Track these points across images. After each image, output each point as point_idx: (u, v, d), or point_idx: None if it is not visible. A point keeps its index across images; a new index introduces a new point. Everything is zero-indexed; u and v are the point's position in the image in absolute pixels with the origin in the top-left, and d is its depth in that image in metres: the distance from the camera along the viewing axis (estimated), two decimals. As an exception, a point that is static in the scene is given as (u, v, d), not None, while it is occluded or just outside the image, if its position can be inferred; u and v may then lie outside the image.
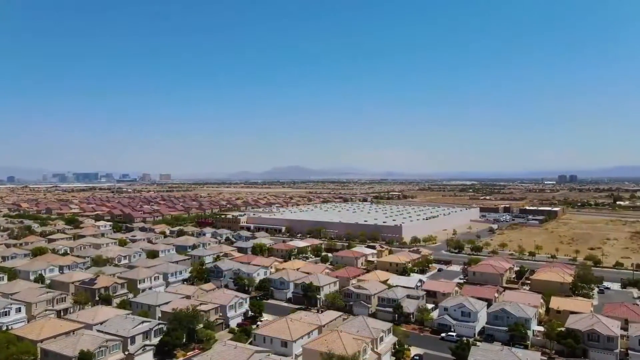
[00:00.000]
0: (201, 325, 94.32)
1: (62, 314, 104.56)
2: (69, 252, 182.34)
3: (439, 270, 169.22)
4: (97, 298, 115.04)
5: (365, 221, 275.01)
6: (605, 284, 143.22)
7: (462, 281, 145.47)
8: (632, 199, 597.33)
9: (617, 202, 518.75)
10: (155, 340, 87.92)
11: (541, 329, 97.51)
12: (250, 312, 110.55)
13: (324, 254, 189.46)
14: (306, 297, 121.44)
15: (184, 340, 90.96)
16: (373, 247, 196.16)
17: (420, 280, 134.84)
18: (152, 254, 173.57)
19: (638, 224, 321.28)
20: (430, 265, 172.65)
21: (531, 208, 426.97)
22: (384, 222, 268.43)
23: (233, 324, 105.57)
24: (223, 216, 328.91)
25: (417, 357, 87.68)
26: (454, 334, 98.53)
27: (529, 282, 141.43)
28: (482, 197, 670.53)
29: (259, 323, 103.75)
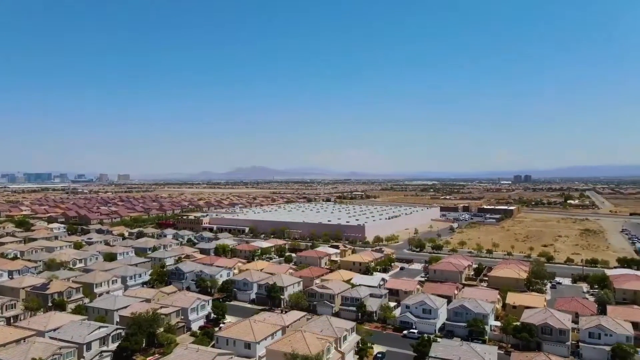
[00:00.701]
0: (162, 329, 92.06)
1: (11, 321, 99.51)
2: (19, 256, 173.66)
3: (401, 268, 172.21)
4: (50, 304, 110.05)
5: (328, 221, 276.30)
6: (557, 279, 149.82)
7: (423, 279, 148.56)
8: (581, 198, 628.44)
9: (568, 201, 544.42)
10: (113, 346, 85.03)
11: (498, 323, 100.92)
12: (212, 315, 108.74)
13: (287, 254, 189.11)
14: (270, 297, 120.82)
15: (144, 345, 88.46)
16: (336, 247, 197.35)
17: (383, 279, 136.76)
18: (110, 257, 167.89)
19: (587, 221, 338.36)
20: (392, 264, 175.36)
21: (489, 207, 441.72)
22: (347, 222, 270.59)
23: (195, 326, 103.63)
24: (185, 217, 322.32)
25: (380, 355, 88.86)
26: (416, 331, 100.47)
27: (486, 278, 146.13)
28: (442, 197, 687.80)
29: (221, 325, 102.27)
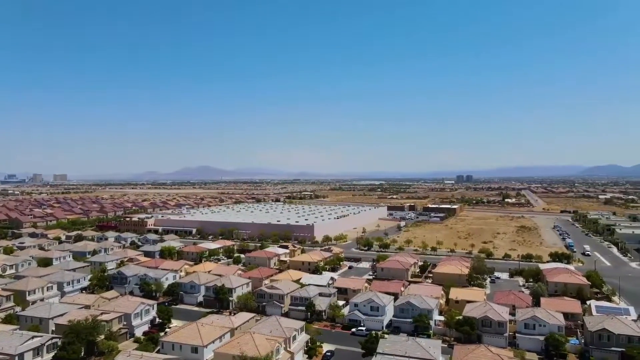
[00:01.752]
0: (102, 337, 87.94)
1: None
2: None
3: (350, 267, 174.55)
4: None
5: (278, 221, 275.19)
6: (496, 274, 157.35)
7: (371, 277, 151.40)
8: (518, 196, 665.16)
9: (506, 200, 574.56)
10: (49, 357, 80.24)
11: (442, 318, 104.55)
12: (158, 319, 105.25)
13: (236, 255, 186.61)
14: (218, 299, 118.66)
15: (83, 354, 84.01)
16: (286, 247, 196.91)
17: (332, 278, 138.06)
18: (45, 262, 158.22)
19: (522, 219, 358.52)
20: (341, 263, 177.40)
21: (433, 206, 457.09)
22: (296, 222, 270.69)
23: (139, 332, 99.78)
24: (128, 219, 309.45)
25: (329, 354, 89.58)
26: (364, 328, 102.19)
27: (431, 275, 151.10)
28: (389, 197, 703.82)
29: (167, 330, 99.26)
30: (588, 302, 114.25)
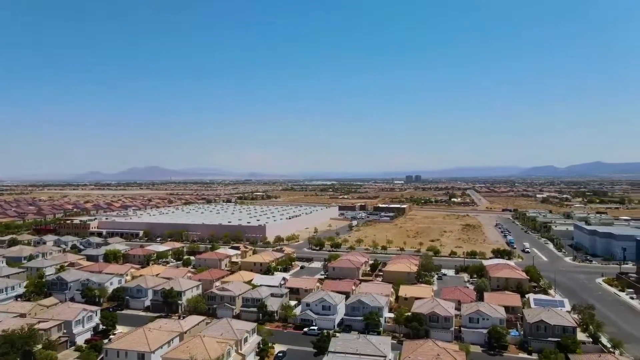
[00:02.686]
0: (40, 346, 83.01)
1: None
2: None
3: (302, 267, 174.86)
4: None
5: (229, 222, 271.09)
6: (443, 271, 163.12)
7: (323, 277, 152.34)
8: (463, 196, 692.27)
9: (452, 199, 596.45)
10: (-21, 370, 74.80)
11: (392, 315, 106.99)
12: (101, 326, 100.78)
13: (186, 257, 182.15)
14: (167, 303, 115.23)
15: (18, 365, 78.99)
16: (237, 248, 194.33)
17: (284, 279, 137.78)
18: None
19: (467, 217, 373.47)
20: (293, 263, 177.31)
21: (383, 206, 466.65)
22: (248, 223, 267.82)
23: (81, 340, 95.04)
24: (69, 221, 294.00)
25: (281, 354, 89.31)
26: (316, 327, 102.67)
27: (381, 273, 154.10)
28: (341, 197, 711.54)
29: (111, 337, 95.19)
30: (527, 296, 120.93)
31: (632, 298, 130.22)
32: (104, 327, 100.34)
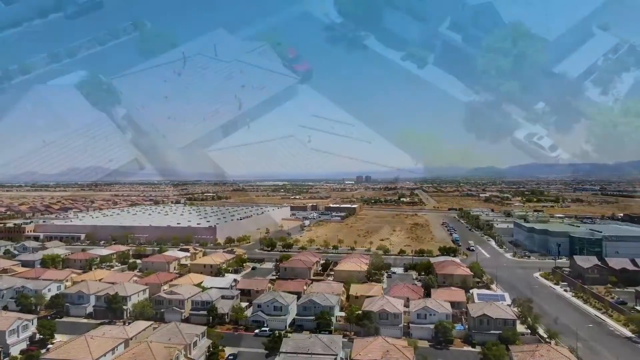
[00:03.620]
0: (-31, 359, 77.34)
1: None
2: None
3: (253, 268, 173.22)
4: None
5: (178, 224, 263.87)
6: (393, 269, 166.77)
7: (274, 277, 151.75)
8: (412, 196, 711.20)
9: (401, 199, 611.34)
10: None
11: (343, 314, 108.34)
12: (38, 335, 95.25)
13: (131, 260, 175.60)
14: (111, 309, 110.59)
15: (-57, 380, 73.22)
16: (187, 250, 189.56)
17: (235, 280, 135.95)
18: None
19: (415, 217, 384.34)
20: (244, 264, 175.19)
21: (335, 205, 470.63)
22: (198, 224, 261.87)
23: (15, 351, 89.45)
24: (1, 225, 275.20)
25: (232, 357, 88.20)
26: (267, 328, 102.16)
27: (333, 273, 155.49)
28: (292, 197, 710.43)
29: (49, 346, 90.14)
30: (471, 291, 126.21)
31: (565, 290, 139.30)
32: (42, 336, 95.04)
